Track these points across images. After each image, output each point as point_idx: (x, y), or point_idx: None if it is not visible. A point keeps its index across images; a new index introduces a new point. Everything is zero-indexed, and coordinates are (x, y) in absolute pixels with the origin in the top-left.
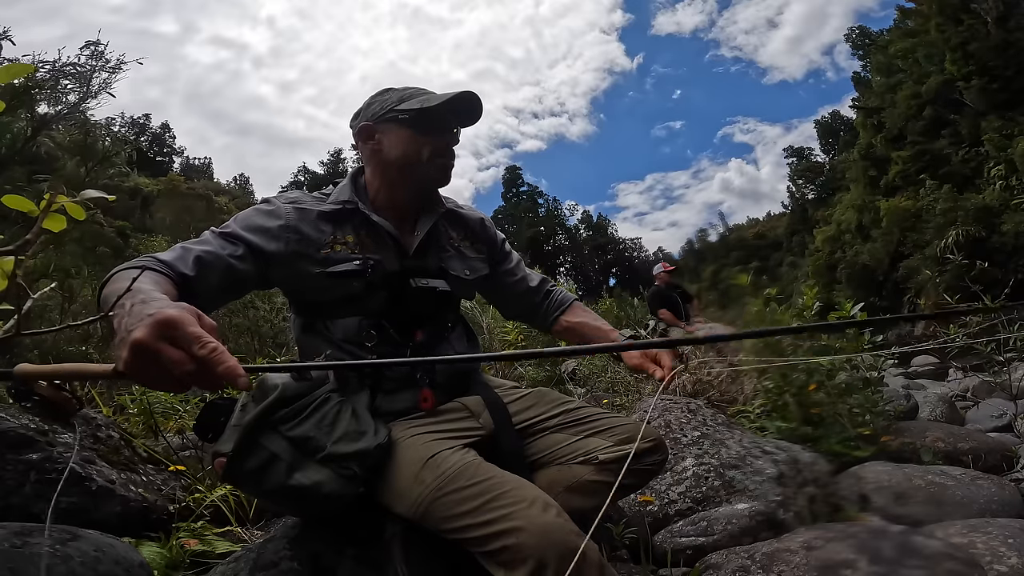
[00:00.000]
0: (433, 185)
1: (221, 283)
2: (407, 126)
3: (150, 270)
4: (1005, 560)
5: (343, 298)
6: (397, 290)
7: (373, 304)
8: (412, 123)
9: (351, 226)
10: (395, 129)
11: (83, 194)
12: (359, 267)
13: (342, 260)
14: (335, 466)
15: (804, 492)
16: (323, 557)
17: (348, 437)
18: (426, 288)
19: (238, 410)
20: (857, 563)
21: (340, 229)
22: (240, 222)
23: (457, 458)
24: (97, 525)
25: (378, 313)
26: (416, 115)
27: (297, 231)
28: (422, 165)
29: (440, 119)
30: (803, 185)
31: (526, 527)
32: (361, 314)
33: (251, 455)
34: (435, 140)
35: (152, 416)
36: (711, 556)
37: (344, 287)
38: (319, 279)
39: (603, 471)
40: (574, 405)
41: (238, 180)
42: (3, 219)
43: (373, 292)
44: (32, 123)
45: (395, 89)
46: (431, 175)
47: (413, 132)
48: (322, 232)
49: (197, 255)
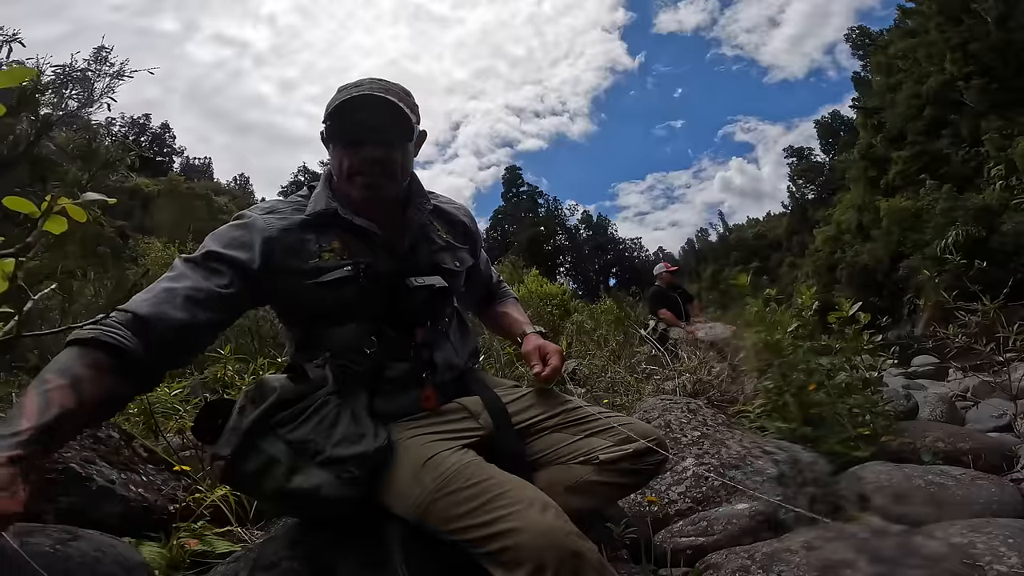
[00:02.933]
0: (362, 201)
1: (214, 317)
2: (327, 140)
3: (90, 348)
4: (1005, 560)
5: (338, 306)
6: (393, 291)
7: (369, 308)
8: (330, 135)
9: (335, 231)
10: (328, 140)
11: (84, 197)
12: (350, 272)
13: (332, 268)
14: (335, 469)
15: (804, 492)
16: (323, 557)
17: (347, 440)
18: (423, 286)
19: (236, 413)
20: (857, 563)
21: (324, 236)
22: (217, 241)
23: (456, 459)
24: (97, 525)
25: (375, 317)
26: (328, 127)
27: (280, 242)
28: (347, 184)
29: (348, 132)
30: (803, 185)
31: (525, 528)
32: (357, 320)
33: (250, 458)
34: (349, 154)
35: (152, 416)
36: (711, 556)
37: (337, 295)
38: (311, 290)
39: (603, 471)
40: (574, 405)
41: (238, 180)
42: (4, 220)
43: (368, 296)
44: (36, 126)
45: (344, 87)
46: (354, 193)
47: (335, 145)
48: (306, 241)
49: (185, 296)
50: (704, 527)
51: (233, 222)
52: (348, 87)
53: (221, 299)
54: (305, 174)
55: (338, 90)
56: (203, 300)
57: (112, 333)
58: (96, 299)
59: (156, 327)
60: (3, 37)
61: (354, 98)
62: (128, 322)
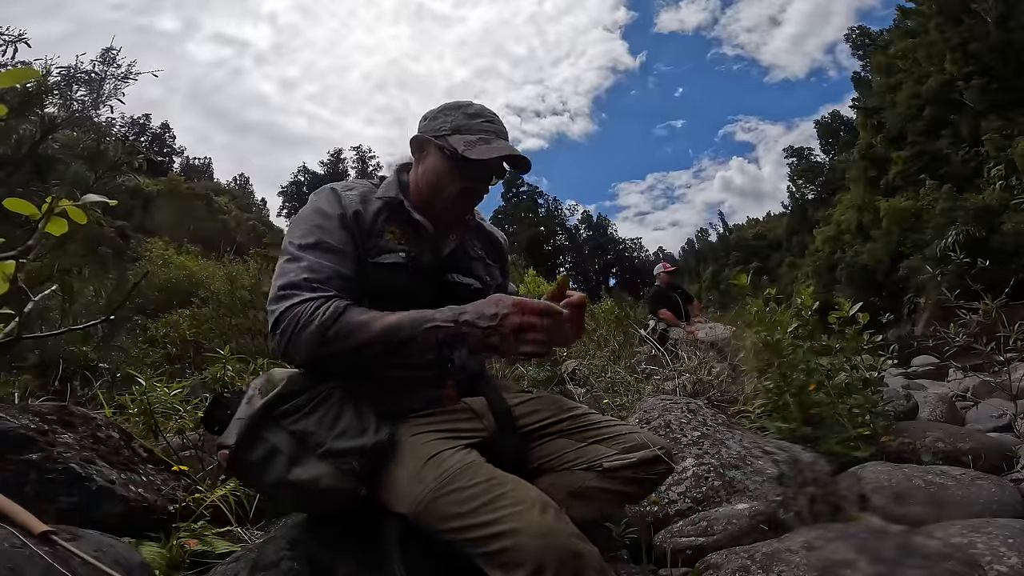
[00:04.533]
0: (448, 219)
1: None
2: (448, 159)
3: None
4: (1005, 560)
5: (384, 289)
6: (434, 285)
7: (412, 297)
8: (452, 159)
9: (396, 219)
10: (437, 155)
11: (85, 199)
12: (404, 259)
13: (390, 251)
14: (334, 461)
15: (804, 492)
16: (323, 557)
17: (348, 433)
18: (462, 284)
19: (244, 403)
20: (857, 563)
21: (388, 220)
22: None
23: (459, 458)
24: (97, 525)
25: (413, 306)
26: (458, 155)
27: (360, 216)
28: (444, 200)
29: (478, 169)
30: (803, 185)
31: (525, 529)
32: (397, 306)
33: (254, 447)
34: (465, 184)
35: (152, 416)
36: (711, 556)
37: (390, 279)
38: (368, 267)
39: (606, 478)
40: (581, 411)
41: (238, 180)
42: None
43: (413, 286)
44: (41, 126)
45: (461, 110)
46: (449, 211)
47: (450, 168)
48: (376, 220)
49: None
50: (704, 527)
51: (326, 198)
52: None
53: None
54: (305, 174)
55: (467, 113)
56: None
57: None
58: (96, 299)
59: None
60: (9, 38)
61: (512, 156)
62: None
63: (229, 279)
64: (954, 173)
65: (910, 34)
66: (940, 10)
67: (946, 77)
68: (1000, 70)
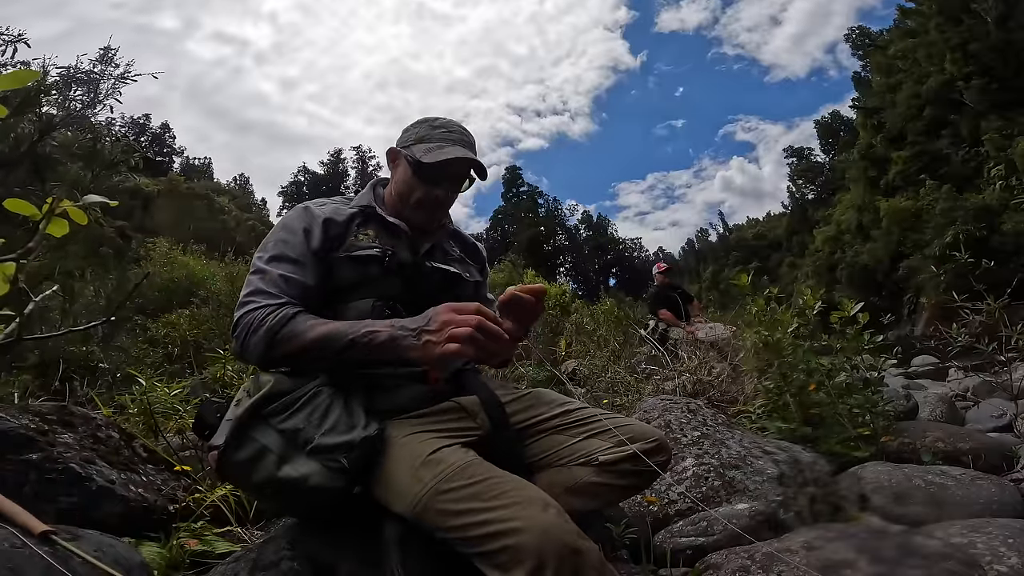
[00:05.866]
0: (419, 224)
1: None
2: (411, 166)
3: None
4: (1005, 560)
5: (360, 281)
6: (411, 276)
7: (388, 288)
8: (413, 167)
9: (371, 225)
10: (404, 165)
11: (86, 199)
12: (379, 253)
13: (364, 248)
14: (322, 458)
15: (804, 492)
16: (323, 557)
17: (337, 429)
18: (439, 269)
19: (233, 405)
20: (857, 563)
21: (363, 225)
22: (282, 235)
23: (457, 456)
24: (97, 525)
25: (392, 297)
26: (416, 162)
27: (331, 222)
28: (412, 206)
29: (433, 174)
30: (803, 185)
31: (525, 527)
32: (375, 296)
33: (242, 447)
34: (427, 189)
35: (152, 416)
36: (711, 556)
37: (363, 270)
38: (341, 262)
39: (603, 472)
40: (575, 406)
41: (238, 180)
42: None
43: (388, 277)
44: (39, 125)
45: (428, 123)
46: (418, 216)
47: (413, 174)
48: (350, 225)
49: (301, 287)
50: (704, 527)
51: (295, 214)
52: (442, 129)
53: (318, 288)
54: (305, 174)
55: (432, 125)
56: (313, 288)
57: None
58: (97, 300)
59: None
60: (8, 38)
61: (457, 160)
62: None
63: (229, 279)
64: (954, 173)
65: (910, 34)
66: (940, 10)
67: (946, 77)
68: (1000, 70)
